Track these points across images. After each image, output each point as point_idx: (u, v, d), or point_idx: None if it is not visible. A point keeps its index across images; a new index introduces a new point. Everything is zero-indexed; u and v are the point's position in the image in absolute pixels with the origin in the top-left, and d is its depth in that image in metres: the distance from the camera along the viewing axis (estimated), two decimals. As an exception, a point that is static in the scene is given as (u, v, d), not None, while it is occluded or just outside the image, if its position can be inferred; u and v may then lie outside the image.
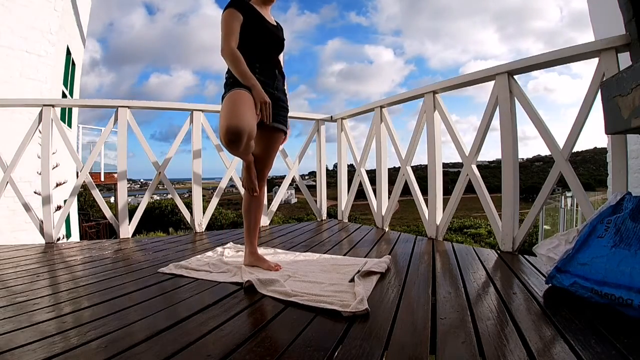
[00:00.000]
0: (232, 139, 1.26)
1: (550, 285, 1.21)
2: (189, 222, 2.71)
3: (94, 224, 10.05)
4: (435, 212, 2.21)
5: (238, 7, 1.46)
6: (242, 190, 2.85)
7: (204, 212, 2.73)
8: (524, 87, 1.79)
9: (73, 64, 6.35)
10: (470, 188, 2.06)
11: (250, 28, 1.48)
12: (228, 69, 1.52)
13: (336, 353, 0.80)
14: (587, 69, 1.55)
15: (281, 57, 1.65)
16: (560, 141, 1.64)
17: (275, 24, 1.62)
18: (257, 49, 1.50)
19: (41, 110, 2.40)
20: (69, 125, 6.61)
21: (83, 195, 10.27)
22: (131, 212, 2.57)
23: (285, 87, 1.70)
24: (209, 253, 1.83)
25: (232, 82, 1.46)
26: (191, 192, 2.72)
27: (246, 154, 1.49)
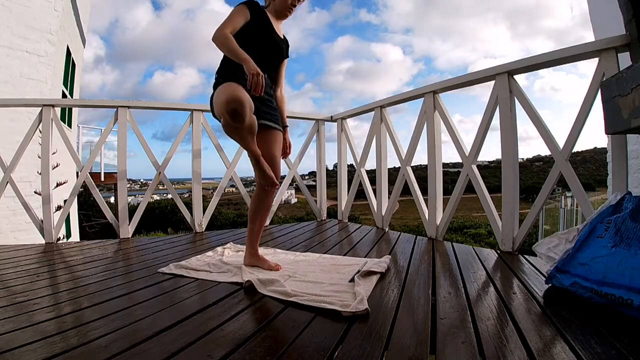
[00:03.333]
0: (235, 107, 1.25)
1: (550, 285, 1.21)
2: (189, 222, 2.71)
3: (94, 224, 10.04)
4: (435, 212, 2.21)
5: (250, 6, 1.48)
6: (242, 191, 2.85)
7: (204, 212, 2.73)
8: (530, 87, 1.85)
9: (73, 64, 6.35)
10: (470, 188, 2.06)
11: (255, 31, 1.48)
12: (218, 69, 1.52)
13: (336, 353, 0.80)
14: (595, 68, 1.54)
15: (282, 70, 1.68)
16: (561, 141, 1.64)
17: (282, 37, 1.63)
18: (255, 53, 1.44)
19: (41, 110, 2.40)
20: (69, 125, 6.62)
21: (83, 195, 10.25)
22: (131, 212, 2.57)
23: (284, 106, 1.73)
24: (209, 253, 1.83)
25: (221, 82, 1.44)
26: (191, 192, 2.72)
27: (252, 133, 1.41)
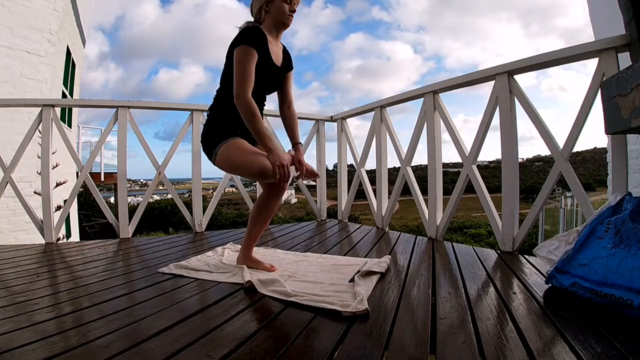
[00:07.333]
0: (268, 177, 1.35)
1: (550, 285, 1.21)
2: (189, 222, 2.71)
3: (94, 224, 10.04)
4: (435, 212, 2.20)
5: (254, 43, 1.34)
6: (242, 191, 2.85)
7: (204, 212, 2.73)
8: (538, 86, 1.81)
9: (73, 64, 6.35)
10: (470, 188, 2.06)
11: (256, 67, 1.37)
12: (212, 114, 1.47)
13: (336, 353, 0.80)
14: (595, 68, 1.53)
15: (288, 84, 1.59)
16: (561, 141, 1.64)
17: (281, 56, 1.52)
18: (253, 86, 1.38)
19: (41, 110, 2.40)
20: (69, 125, 6.62)
21: (83, 195, 10.26)
22: (131, 212, 2.57)
23: (294, 122, 1.60)
24: (209, 253, 1.83)
25: (215, 136, 1.43)
26: (191, 192, 2.72)
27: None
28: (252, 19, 1.49)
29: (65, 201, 2.58)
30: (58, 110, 2.56)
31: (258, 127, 1.33)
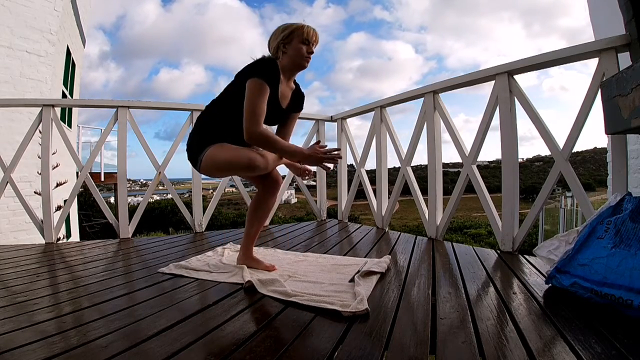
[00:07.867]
0: (257, 168, 1.34)
1: (550, 285, 1.21)
2: (189, 222, 2.71)
3: (94, 224, 10.04)
4: (435, 212, 2.20)
5: (268, 79, 1.32)
6: (242, 191, 2.85)
7: (204, 212, 2.73)
8: (539, 86, 1.80)
9: (73, 64, 6.35)
10: (470, 188, 2.06)
11: None
12: (202, 124, 1.44)
13: (336, 353, 0.80)
14: (595, 68, 1.52)
15: (291, 124, 1.59)
16: (561, 141, 1.63)
17: (289, 97, 1.50)
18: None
19: (41, 110, 2.40)
20: (69, 125, 6.62)
21: (83, 195, 10.25)
22: (131, 212, 2.57)
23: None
24: (209, 253, 1.83)
25: (202, 143, 1.40)
26: (191, 192, 2.72)
27: (272, 168, 1.46)
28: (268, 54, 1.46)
29: (65, 201, 2.58)
30: (58, 110, 2.56)
31: (283, 148, 1.33)
